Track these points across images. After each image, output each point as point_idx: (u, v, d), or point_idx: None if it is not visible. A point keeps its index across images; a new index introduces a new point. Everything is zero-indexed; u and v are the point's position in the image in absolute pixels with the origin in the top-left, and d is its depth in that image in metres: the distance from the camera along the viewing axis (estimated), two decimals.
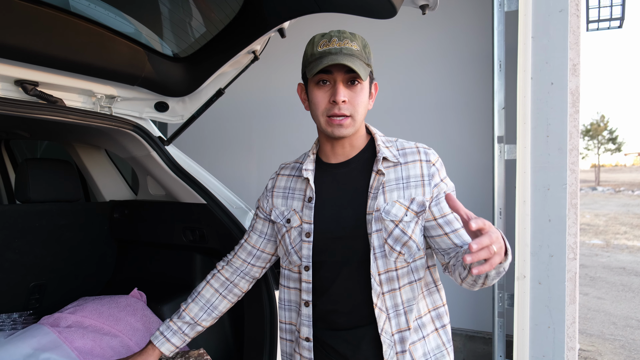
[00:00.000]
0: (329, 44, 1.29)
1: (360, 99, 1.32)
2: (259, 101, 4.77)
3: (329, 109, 1.31)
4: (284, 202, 1.48)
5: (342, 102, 1.29)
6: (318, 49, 1.30)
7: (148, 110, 2.27)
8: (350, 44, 1.29)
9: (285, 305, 1.50)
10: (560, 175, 2.40)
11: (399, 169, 1.36)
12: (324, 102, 1.32)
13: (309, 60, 1.32)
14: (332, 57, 1.26)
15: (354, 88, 1.31)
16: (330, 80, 1.31)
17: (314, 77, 1.31)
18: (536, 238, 2.47)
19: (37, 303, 2.34)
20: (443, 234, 1.36)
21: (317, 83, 1.32)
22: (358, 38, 1.32)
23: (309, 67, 1.31)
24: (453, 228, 1.35)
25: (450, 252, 1.37)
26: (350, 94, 1.30)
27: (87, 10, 1.76)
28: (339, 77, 1.29)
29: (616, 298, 6.44)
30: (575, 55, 2.41)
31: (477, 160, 3.68)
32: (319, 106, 1.32)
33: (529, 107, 2.45)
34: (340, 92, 1.28)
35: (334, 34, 1.30)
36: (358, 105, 1.32)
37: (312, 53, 1.31)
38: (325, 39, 1.30)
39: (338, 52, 1.27)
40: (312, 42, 1.33)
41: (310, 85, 1.35)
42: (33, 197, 2.23)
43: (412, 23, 3.96)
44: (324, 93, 1.32)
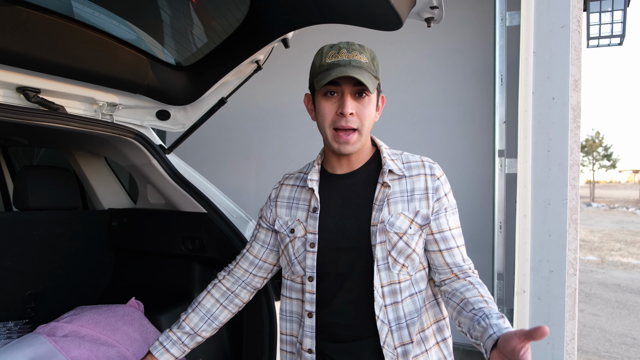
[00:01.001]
0: (337, 56, 1.29)
1: (367, 112, 1.32)
2: (259, 110, 4.78)
3: (335, 121, 1.31)
4: (288, 212, 1.47)
5: (349, 115, 1.29)
6: (327, 60, 1.30)
7: (149, 119, 2.26)
8: (359, 56, 1.29)
9: (286, 316, 1.48)
10: (561, 190, 2.40)
11: (404, 182, 1.36)
12: (331, 113, 1.31)
13: (317, 71, 1.32)
14: (340, 69, 1.26)
15: (362, 100, 1.31)
16: (338, 92, 1.31)
17: (322, 88, 1.31)
18: (536, 253, 2.46)
19: (33, 312, 2.31)
20: (437, 250, 1.36)
21: (325, 94, 1.32)
22: (367, 50, 1.33)
23: (317, 78, 1.31)
24: (448, 246, 1.35)
25: (441, 270, 1.38)
26: (357, 107, 1.30)
27: (91, 18, 1.76)
28: (347, 89, 1.29)
29: (611, 315, 6.43)
30: (576, 70, 2.42)
31: (477, 173, 3.69)
32: (326, 118, 1.32)
33: (530, 122, 2.46)
34: (348, 104, 1.28)
35: (343, 46, 1.30)
36: (365, 118, 1.31)
37: (321, 64, 1.31)
38: (334, 50, 1.30)
39: (347, 64, 1.27)
40: (321, 53, 1.33)
41: (317, 96, 1.35)
42: (31, 205, 2.21)
43: (414, 36, 3.98)
44: (331, 105, 1.31)
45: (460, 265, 1.36)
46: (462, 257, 1.37)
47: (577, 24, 2.42)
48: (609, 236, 16.19)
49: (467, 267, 1.36)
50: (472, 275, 1.35)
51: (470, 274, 1.35)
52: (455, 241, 1.36)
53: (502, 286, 2.67)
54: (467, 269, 1.36)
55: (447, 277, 1.37)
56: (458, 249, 1.36)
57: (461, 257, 1.36)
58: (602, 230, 18.15)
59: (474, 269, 1.39)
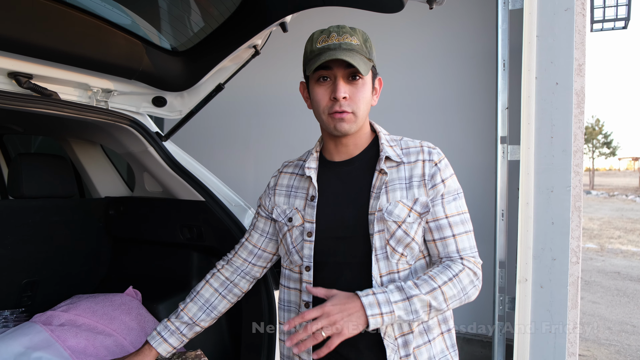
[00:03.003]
0: (327, 40, 1.26)
1: (361, 95, 1.29)
2: (258, 97, 4.74)
3: (330, 107, 1.28)
4: (286, 200, 1.45)
5: (342, 99, 1.26)
6: (317, 45, 1.27)
7: (145, 105, 2.23)
8: (349, 39, 1.26)
9: (284, 305, 1.46)
10: (565, 177, 2.37)
11: (402, 169, 1.33)
12: (325, 99, 1.29)
13: (309, 57, 1.30)
14: (330, 52, 1.23)
15: (355, 83, 1.28)
16: (330, 76, 1.28)
17: (314, 74, 1.28)
18: (539, 241, 2.43)
19: (30, 300, 2.29)
20: (431, 239, 1.33)
21: (318, 80, 1.29)
22: (358, 32, 1.29)
23: (309, 65, 1.28)
24: (442, 235, 1.31)
25: (435, 261, 1.35)
26: (351, 90, 1.27)
27: (84, 1, 1.71)
28: (339, 73, 1.26)
29: (611, 303, 6.43)
30: (580, 55, 2.37)
31: (479, 161, 3.66)
32: (320, 104, 1.29)
33: (533, 108, 2.42)
34: (340, 88, 1.25)
35: (333, 29, 1.28)
36: (359, 101, 1.28)
37: (312, 50, 1.29)
38: (324, 35, 1.28)
39: (337, 48, 1.24)
40: (311, 39, 1.30)
41: (311, 82, 1.32)
42: (26, 193, 2.18)
43: (414, 21, 3.93)
44: (324, 90, 1.29)
45: (452, 256, 1.30)
46: (457, 246, 1.30)
47: (582, 7, 2.37)
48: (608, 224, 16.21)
49: (456, 258, 1.30)
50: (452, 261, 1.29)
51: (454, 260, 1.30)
52: (451, 229, 1.31)
53: (504, 274, 2.65)
54: (455, 258, 1.30)
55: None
56: (454, 238, 1.31)
57: (455, 247, 1.30)
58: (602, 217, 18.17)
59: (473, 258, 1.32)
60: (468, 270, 1.28)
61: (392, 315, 1.17)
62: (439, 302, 1.21)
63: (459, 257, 1.30)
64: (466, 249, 1.32)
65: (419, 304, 1.19)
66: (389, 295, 1.18)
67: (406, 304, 1.18)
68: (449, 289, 1.23)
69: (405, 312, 1.18)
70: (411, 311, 1.19)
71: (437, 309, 1.22)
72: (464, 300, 1.28)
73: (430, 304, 1.20)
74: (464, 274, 1.27)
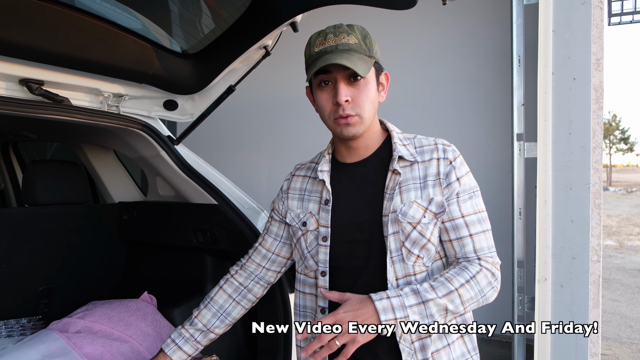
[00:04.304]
0: (324, 42, 1.23)
1: (364, 96, 1.25)
2: (269, 99, 4.73)
3: (334, 111, 1.25)
4: (299, 204, 1.42)
5: (344, 102, 1.22)
6: (315, 49, 1.24)
7: (157, 109, 2.22)
8: (346, 38, 1.22)
9: (300, 311, 1.44)
10: (584, 174, 2.32)
11: (416, 168, 1.29)
12: (328, 104, 1.26)
13: (308, 62, 1.28)
14: (327, 56, 1.20)
15: (357, 84, 1.24)
16: (330, 80, 1.25)
17: (315, 79, 1.26)
18: (558, 239, 2.39)
19: (46, 308, 2.30)
20: (447, 240, 1.29)
21: (319, 85, 1.27)
22: (356, 30, 1.25)
23: (308, 70, 1.26)
24: (458, 235, 1.28)
25: (451, 262, 1.31)
26: (353, 92, 1.24)
27: (93, 6, 1.71)
28: (339, 76, 1.23)
29: (632, 300, 6.34)
30: (598, 49, 2.32)
31: (495, 158, 3.62)
32: (325, 109, 1.27)
33: (550, 104, 2.37)
34: (341, 92, 1.22)
35: (330, 31, 1.24)
36: (363, 102, 1.25)
37: (310, 54, 1.26)
38: (321, 37, 1.24)
39: (334, 50, 1.21)
40: (309, 43, 1.28)
41: (314, 88, 1.30)
42: (40, 200, 2.19)
43: (427, 17, 3.89)
44: (327, 95, 1.26)
45: (469, 257, 1.26)
46: (475, 246, 1.26)
47: (599, 0, 2.32)
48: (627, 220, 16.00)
49: (474, 257, 1.27)
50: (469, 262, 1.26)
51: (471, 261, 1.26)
52: (468, 229, 1.27)
53: (522, 274, 2.61)
54: (472, 258, 1.27)
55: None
56: (470, 238, 1.27)
57: (472, 247, 1.26)
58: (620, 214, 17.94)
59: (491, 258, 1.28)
60: (486, 271, 1.24)
61: (407, 321, 1.14)
62: (455, 305, 1.18)
63: (477, 258, 1.26)
64: (484, 248, 1.28)
65: (435, 308, 1.16)
66: (404, 299, 1.15)
67: (421, 308, 1.15)
68: (466, 292, 1.20)
69: (421, 317, 1.15)
70: (426, 315, 1.16)
71: (453, 312, 1.18)
72: (482, 302, 1.24)
73: (447, 307, 1.17)
74: (481, 275, 1.23)
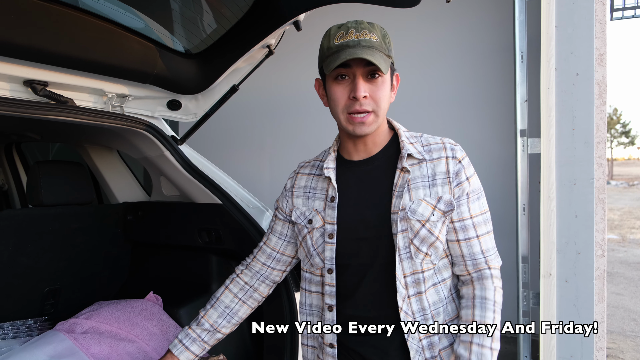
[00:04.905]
0: (346, 36, 1.22)
1: (382, 93, 1.25)
2: (273, 98, 4.72)
3: (349, 106, 1.24)
4: (304, 202, 1.42)
5: (362, 98, 1.22)
6: (335, 42, 1.23)
7: (160, 109, 2.22)
8: (368, 35, 1.22)
9: (306, 309, 1.44)
10: (587, 169, 2.32)
11: (424, 166, 1.29)
12: (343, 98, 1.25)
13: (326, 54, 1.26)
14: (350, 50, 1.19)
15: (375, 82, 1.24)
16: (349, 74, 1.24)
17: (332, 72, 1.24)
18: (562, 235, 2.39)
19: (52, 308, 2.31)
20: (455, 239, 1.31)
21: (336, 78, 1.25)
22: (377, 28, 1.25)
23: (326, 62, 1.24)
24: (467, 236, 1.29)
25: (456, 261, 1.33)
26: (371, 88, 1.23)
27: (96, 7, 1.71)
28: (359, 71, 1.22)
29: (635, 294, 6.34)
30: (601, 44, 2.32)
31: (499, 154, 3.62)
32: (339, 103, 1.26)
33: (553, 100, 2.36)
34: (360, 87, 1.21)
35: (351, 25, 1.23)
36: (380, 99, 1.24)
37: (329, 47, 1.24)
38: (342, 31, 1.23)
39: (356, 45, 1.20)
40: (328, 35, 1.26)
41: (328, 80, 1.28)
42: (45, 201, 2.19)
43: (430, 14, 3.89)
44: (343, 89, 1.25)
45: (476, 258, 1.30)
46: (482, 247, 1.30)
47: None
48: (629, 214, 15.99)
49: (482, 262, 1.31)
50: (483, 278, 1.30)
51: (484, 274, 1.31)
52: (475, 230, 1.29)
53: (527, 270, 2.61)
54: (482, 265, 1.31)
55: (461, 272, 1.33)
56: (478, 239, 1.29)
57: (479, 248, 1.30)
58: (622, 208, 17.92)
59: (495, 261, 1.33)
60: (497, 284, 1.30)
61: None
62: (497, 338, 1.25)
63: (485, 262, 1.30)
64: (489, 249, 1.31)
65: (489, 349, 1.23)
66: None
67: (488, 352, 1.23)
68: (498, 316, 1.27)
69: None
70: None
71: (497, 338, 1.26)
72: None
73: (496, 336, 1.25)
74: (497, 292, 1.29)
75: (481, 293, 1.28)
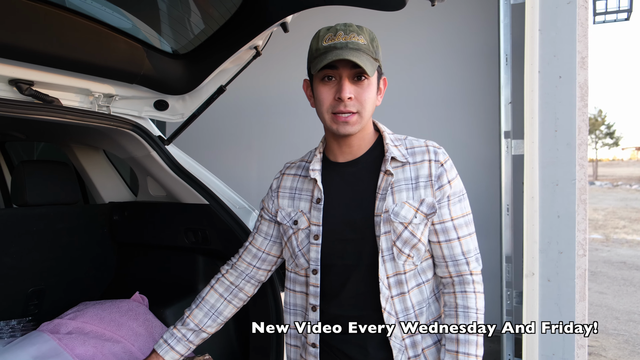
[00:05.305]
0: (334, 38, 1.23)
1: (367, 95, 1.27)
2: (260, 98, 4.73)
3: (334, 106, 1.26)
4: (290, 202, 1.43)
5: (347, 99, 1.24)
6: (323, 44, 1.25)
7: (147, 109, 2.22)
8: (356, 38, 1.23)
9: (290, 309, 1.45)
10: (569, 170, 2.36)
11: (408, 169, 1.31)
12: (329, 98, 1.26)
13: (314, 55, 1.27)
14: (337, 51, 1.21)
15: (361, 84, 1.26)
16: (335, 76, 1.25)
17: (319, 73, 1.26)
18: (545, 235, 2.42)
19: (36, 309, 2.29)
20: (436, 241, 1.33)
21: (322, 79, 1.27)
22: (365, 31, 1.27)
23: (314, 63, 1.26)
24: (447, 237, 1.31)
25: (438, 262, 1.35)
26: (356, 90, 1.25)
27: (83, 6, 1.71)
28: (345, 73, 1.24)
29: (618, 292, 6.43)
30: (583, 48, 2.36)
31: (483, 156, 3.66)
32: (324, 103, 1.27)
33: (537, 102, 2.40)
34: (345, 88, 1.23)
35: (340, 28, 1.25)
36: (365, 101, 1.26)
37: (317, 48, 1.26)
38: (330, 33, 1.25)
39: (344, 47, 1.22)
40: (317, 36, 1.28)
41: (315, 81, 1.30)
42: (30, 201, 2.18)
43: (416, 16, 3.92)
44: (329, 89, 1.26)
45: (457, 259, 1.32)
46: (462, 249, 1.32)
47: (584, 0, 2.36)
48: (613, 214, 16.18)
49: (463, 263, 1.32)
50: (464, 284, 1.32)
51: (465, 279, 1.33)
52: (456, 232, 1.31)
53: (510, 269, 2.65)
54: (463, 269, 1.32)
55: (443, 274, 1.35)
56: (459, 241, 1.31)
57: (460, 250, 1.31)
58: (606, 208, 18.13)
59: (476, 263, 1.34)
60: (479, 289, 1.32)
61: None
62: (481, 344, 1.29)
63: (466, 264, 1.32)
64: (471, 251, 1.33)
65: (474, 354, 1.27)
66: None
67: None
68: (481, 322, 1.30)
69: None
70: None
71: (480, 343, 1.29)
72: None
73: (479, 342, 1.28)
74: (479, 298, 1.32)
75: (463, 302, 1.30)
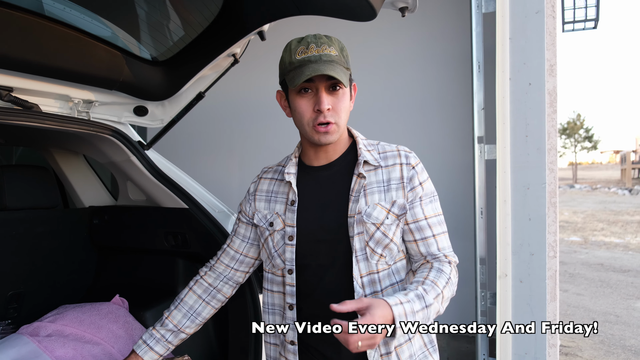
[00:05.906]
0: (307, 51, 1.28)
1: (342, 105, 1.33)
2: (240, 104, 4.75)
3: (314, 118, 1.31)
4: (266, 205, 1.47)
5: (326, 110, 1.29)
6: (296, 57, 1.29)
7: (127, 115, 2.24)
8: (328, 50, 1.28)
9: (269, 309, 1.49)
10: (540, 174, 2.43)
11: (380, 172, 1.37)
12: (308, 111, 1.31)
13: (288, 68, 1.31)
14: (312, 66, 1.25)
15: (336, 94, 1.31)
16: (312, 88, 1.30)
17: (295, 86, 1.29)
18: (517, 237, 2.49)
19: (16, 312, 2.29)
20: (412, 240, 1.38)
21: (299, 92, 1.32)
22: (335, 42, 1.32)
23: (289, 76, 1.30)
24: (423, 235, 1.37)
25: (416, 259, 1.40)
26: (333, 101, 1.31)
27: (62, 14, 1.73)
28: (321, 85, 1.29)
29: (595, 294, 6.54)
30: (552, 55, 2.43)
31: (457, 160, 3.72)
32: (304, 115, 1.32)
33: (508, 108, 2.47)
34: (324, 100, 1.28)
35: (311, 40, 1.29)
36: (341, 110, 1.32)
37: (291, 61, 1.30)
38: (302, 46, 1.29)
39: (318, 60, 1.26)
40: (289, 49, 1.32)
41: (291, 94, 1.34)
42: (9, 205, 2.18)
43: (391, 25, 3.98)
44: (307, 102, 1.31)
45: (435, 254, 1.36)
46: (438, 246, 1.37)
47: (552, 9, 2.43)
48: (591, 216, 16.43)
49: (441, 256, 1.36)
50: (440, 262, 1.35)
51: (442, 260, 1.35)
52: (431, 230, 1.37)
53: (484, 270, 2.70)
54: (440, 257, 1.36)
55: (420, 264, 1.39)
56: (434, 238, 1.37)
57: (436, 247, 1.36)
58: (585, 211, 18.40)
59: (452, 256, 1.39)
60: (454, 269, 1.36)
61: (416, 325, 1.18)
62: (442, 305, 1.27)
63: (443, 255, 1.36)
64: (446, 248, 1.39)
65: (433, 311, 1.24)
66: (413, 305, 1.19)
67: (424, 312, 1.21)
68: (447, 291, 1.29)
69: (423, 320, 1.21)
70: (428, 318, 1.22)
71: (439, 312, 1.27)
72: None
73: (439, 309, 1.26)
74: (453, 273, 1.35)
75: (439, 266, 1.33)
